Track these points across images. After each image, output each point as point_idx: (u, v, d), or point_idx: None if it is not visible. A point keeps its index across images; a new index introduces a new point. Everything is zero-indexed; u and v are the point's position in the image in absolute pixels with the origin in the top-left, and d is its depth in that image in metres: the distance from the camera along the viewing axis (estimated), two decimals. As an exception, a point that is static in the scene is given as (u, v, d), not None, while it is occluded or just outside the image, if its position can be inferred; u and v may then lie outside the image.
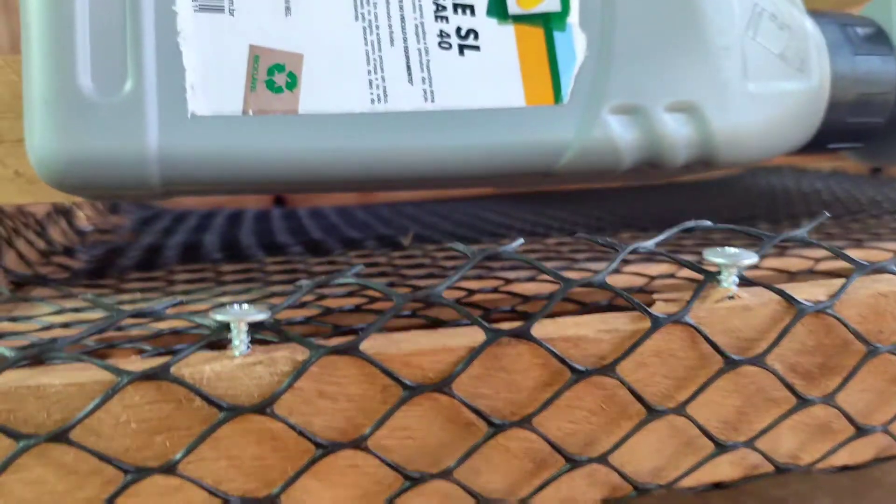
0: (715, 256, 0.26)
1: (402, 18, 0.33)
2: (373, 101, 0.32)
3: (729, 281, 0.26)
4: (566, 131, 0.34)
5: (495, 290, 0.38)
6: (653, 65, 0.35)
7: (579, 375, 0.25)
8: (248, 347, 0.24)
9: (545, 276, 0.40)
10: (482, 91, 0.33)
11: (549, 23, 0.34)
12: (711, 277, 0.27)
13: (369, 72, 0.33)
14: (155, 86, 0.30)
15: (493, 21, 0.34)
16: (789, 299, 0.26)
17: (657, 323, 0.25)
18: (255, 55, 0.32)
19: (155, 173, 0.31)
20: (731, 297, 0.26)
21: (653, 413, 0.26)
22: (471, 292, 0.38)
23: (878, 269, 0.27)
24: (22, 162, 0.39)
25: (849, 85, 0.38)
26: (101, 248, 0.56)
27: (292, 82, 0.32)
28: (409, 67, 0.33)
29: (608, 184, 0.74)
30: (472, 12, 0.34)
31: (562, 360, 0.25)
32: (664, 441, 0.27)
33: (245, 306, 0.24)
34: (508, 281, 0.39)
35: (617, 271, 0.38)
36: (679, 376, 0.26)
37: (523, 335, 0.25)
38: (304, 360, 0.23)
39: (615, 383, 0.26)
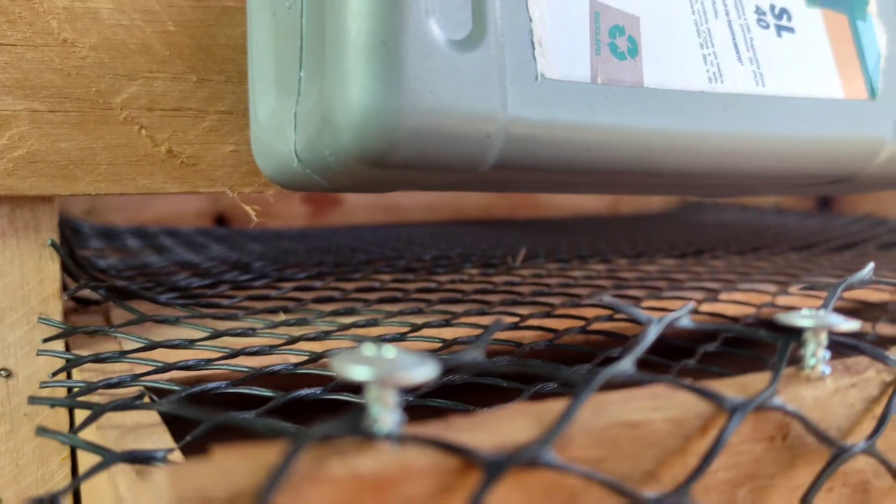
0: None
1: (721, -12, 0.28)
2: (710, 79, 0.27)
3: None
4: (883, 130, 0.30)
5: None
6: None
7: None
8: (828, 366, 0.18)
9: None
10: (802, 78, 0.29)
11: (852, 10, 0.31)
12: None
13: (701, 45, 0.27)
14: (499, 36, 0.23)
15: (802, 2, 0.30)
16: None
17: None
18: (596, 12, 0.25)
19: (497, 144, 0.23)
20: None
21: None
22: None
23: None
24: (177, 138, 0.30)
25: None
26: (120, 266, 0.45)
27: (633, 48, 0.26)
28: (735, 44, 0.28)
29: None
30: (782, -10, 0.30)
31: None
32: None
33: (820, 311, 0.18)
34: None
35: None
36: None
37: None
38: (893, 382, 0.18)
39: None
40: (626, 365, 0.15)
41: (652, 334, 0.16)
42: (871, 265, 0.20)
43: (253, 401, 0.25)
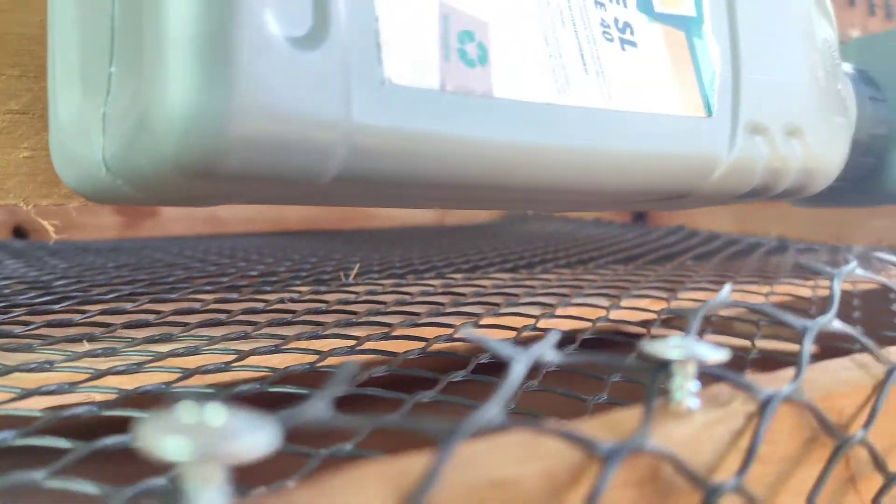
0: None
1: (568, -3, 0.28)
2: (558, 91, 0.26)
3: None
4: (719, 147, 0.31)
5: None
6: (770, 87, 0.33)
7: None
8: (697, 400, 0.17)
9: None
10: (645, 93, 0.29)
11: (689, 27, 0.31)
12: None
13: (550, 56, 0.26)
14: (344, 35, 0.21)
15: (644, 17, 0.30)
16: None
17: None
18: (445, 15, 0.24)
19: (339, 156, 0.21)
20: None
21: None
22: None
23: None
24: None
25: (866, 125, 0.40)
26: None
27: (483, 56, 0.25)
28: (583, 55, 0.27)
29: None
30: (625, 3, 0.29)
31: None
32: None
33: (681, 339, 0.17)
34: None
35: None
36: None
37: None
38: (757, 412, 0.17)
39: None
40: (494, 411, 0.14)
41: (518, 372, 0.15)
42: (729, 287, 0.20)
43: (48, 452, 0.21)
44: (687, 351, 0.16)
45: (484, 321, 0.36)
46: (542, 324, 0.36)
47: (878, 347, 0.20)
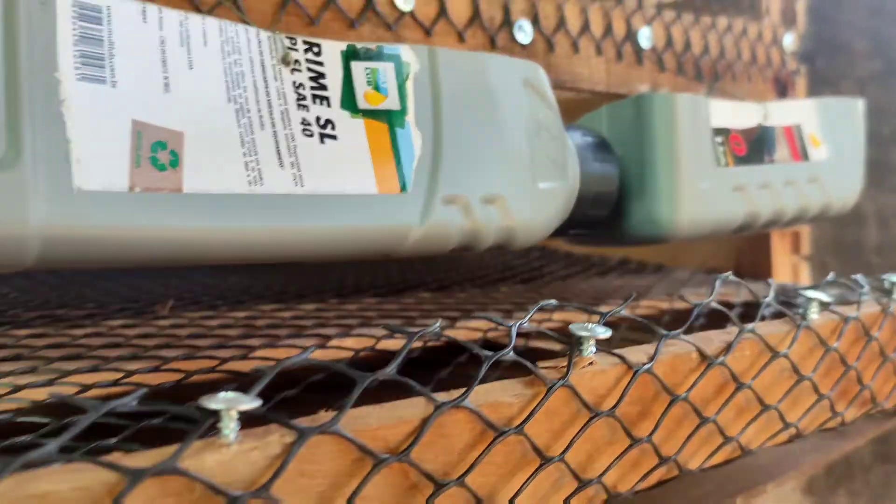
0: (580, 330, 0.33)
1: (269, 104, 0.35)
2: (250, 182, 0.33)
3: (589, 350, 0.33)
4: (411, 218, 0.38)
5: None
6: (471, 164, 0.41)
7: (501, 434, 0.29)
8: (237, 435, 0.24)
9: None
10: (342, 178, 0.36)
11: (392, 119, 0.38)
12: (576, 346, 0.33)
13: (244, 153, 0.34)
14: (37, 156, 0.28)
15: (347, 113, 0.37)
16: (628, 363, 0.33)
17: (553, 386, 0.31)
18: (138, 130, 0.31)
19: (34, 250, 0.28)
20: (591, 364, 0.33)
21: (547, 462, 0.31)
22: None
23: (673, 336, 0.36)
24: None
25: (590, 184, 0.48)
26: None
27: (175, 160, 0.32)
28: (279, 152, 0.35)
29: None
30: (329, 104, 0.37)
31: (490, 425, 0.29)
32: (540, 482, 0.32)
33: (231, 394, 0.24)
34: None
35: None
36: (556, 429, 0.32)
37: (464, 404, 0.28)
38: (293, 442, 0.24)
39: (517, 439, 0.30)
40: (51, 449, 0.21)
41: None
42: (312, 348, 0.27)
43: None
44: (228, 402, 0.23)
45: (225, 368, 0.43)
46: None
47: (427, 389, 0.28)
